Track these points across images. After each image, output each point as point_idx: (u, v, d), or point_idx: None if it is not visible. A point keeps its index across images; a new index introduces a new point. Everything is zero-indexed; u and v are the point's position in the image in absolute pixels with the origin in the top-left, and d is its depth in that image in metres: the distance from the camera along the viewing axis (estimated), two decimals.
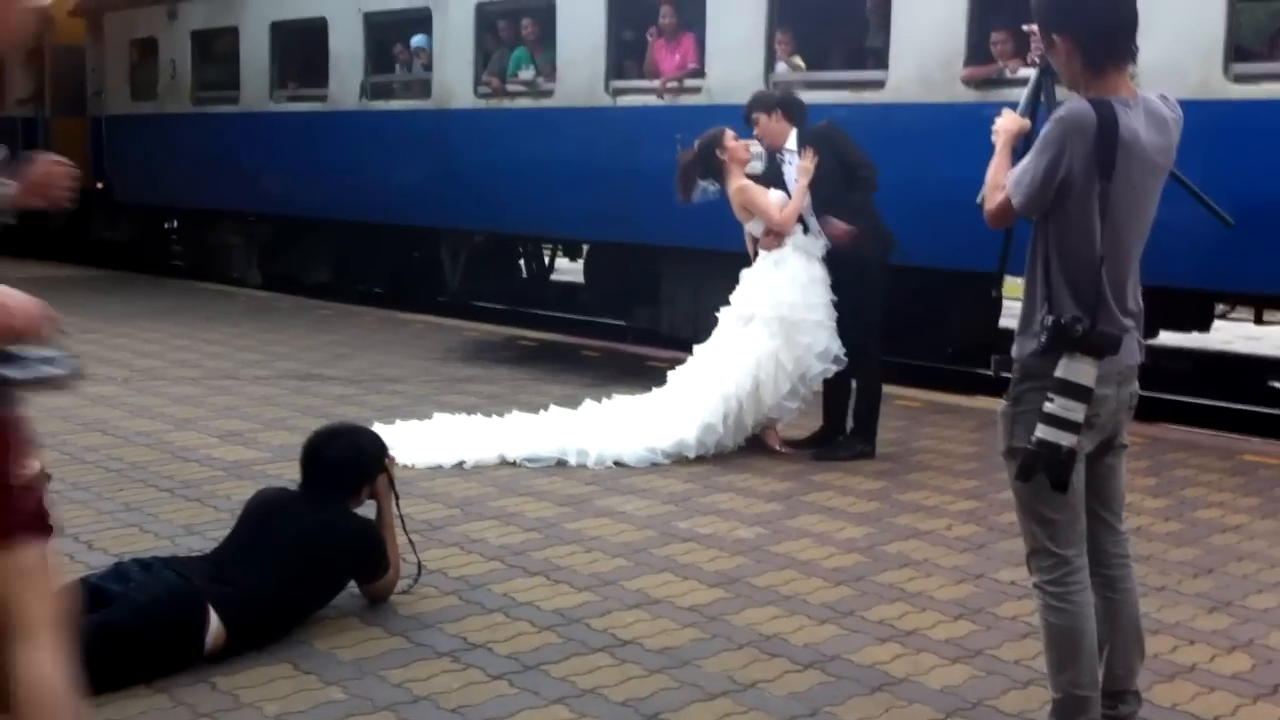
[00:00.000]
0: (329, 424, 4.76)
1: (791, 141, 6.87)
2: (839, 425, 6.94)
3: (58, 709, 2.48)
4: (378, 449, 4.52)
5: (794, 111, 6.93)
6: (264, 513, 4.30)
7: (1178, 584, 4.83)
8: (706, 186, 7.06)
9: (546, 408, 7.42)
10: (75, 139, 17.61)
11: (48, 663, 2.49)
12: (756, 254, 6.94)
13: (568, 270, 15.29)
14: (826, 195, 6.77)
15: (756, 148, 6.96)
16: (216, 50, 15.40)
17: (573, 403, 7.54)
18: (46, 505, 3.67)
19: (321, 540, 4.21)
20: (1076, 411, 3.03)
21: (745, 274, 6.97)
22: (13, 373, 2.61)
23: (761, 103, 6.98)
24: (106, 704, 3.59)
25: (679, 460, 6.58)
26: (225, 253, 15.68)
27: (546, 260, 14.82)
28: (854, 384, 6.91)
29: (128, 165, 16.70)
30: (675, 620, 4.38)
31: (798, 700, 3.76)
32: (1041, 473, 3.08)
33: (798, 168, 6.77)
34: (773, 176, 6.96)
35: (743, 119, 7.01)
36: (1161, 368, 10.27)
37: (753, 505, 5.84)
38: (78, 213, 17.95)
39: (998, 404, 3.34)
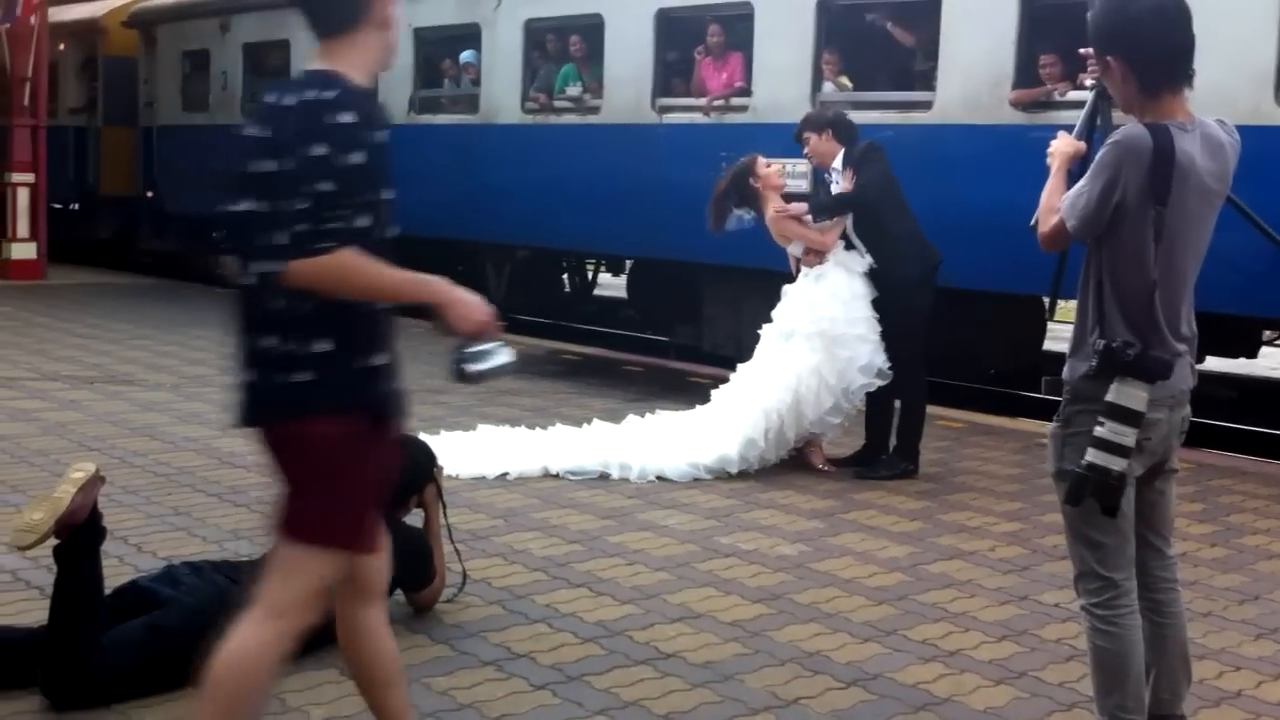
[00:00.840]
0: None
1: (839, 161, 6.91)
2: (882, 444, 6.93)
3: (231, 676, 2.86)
4: (427, 459, 4.56)
5: (843, 132, 6.98)
6: None
7: (1224, 610, 4.80)
8: (741, 215, 7.11)
9: (589, 421, 7.47)
10: (125, 149, 17.87)
11: (247, 637, 2.91)
12: (797, 273, 6.98)
13: (610, 286, 15.34)
14: (871, 213, 6.79)
15: (800, 166, 6.99)
16: (268, 63, 15.57)
17: (615, 417, 7.58)
18: (98, 508, 3.75)
19: None
20: (1127, 436, 3.03)
21: (787, 289, 7.00)
22: (478, 366, 3.02)
23: (812, 123, 7.04)
24: (154, 706, 3.65)
25: (721, 476, 6.60)
26: None
27: (589, 276, 14.88)
28: (897, 403, 6.90)
29: (177, 175, 16.89)
30: (718, 635, 4.39)
31: (840, 718, 3.77)
32: (1091, 497, 3.08)
33: (840, 189, 6.85)
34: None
35: (793, 138, 7.07)
36: (1208, 394, 10.19)
37: (795, 522, 5.84)
38: (127, 222, 18.29)
39: (1041, 426, 3.36)
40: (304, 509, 2.95)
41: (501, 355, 3.01)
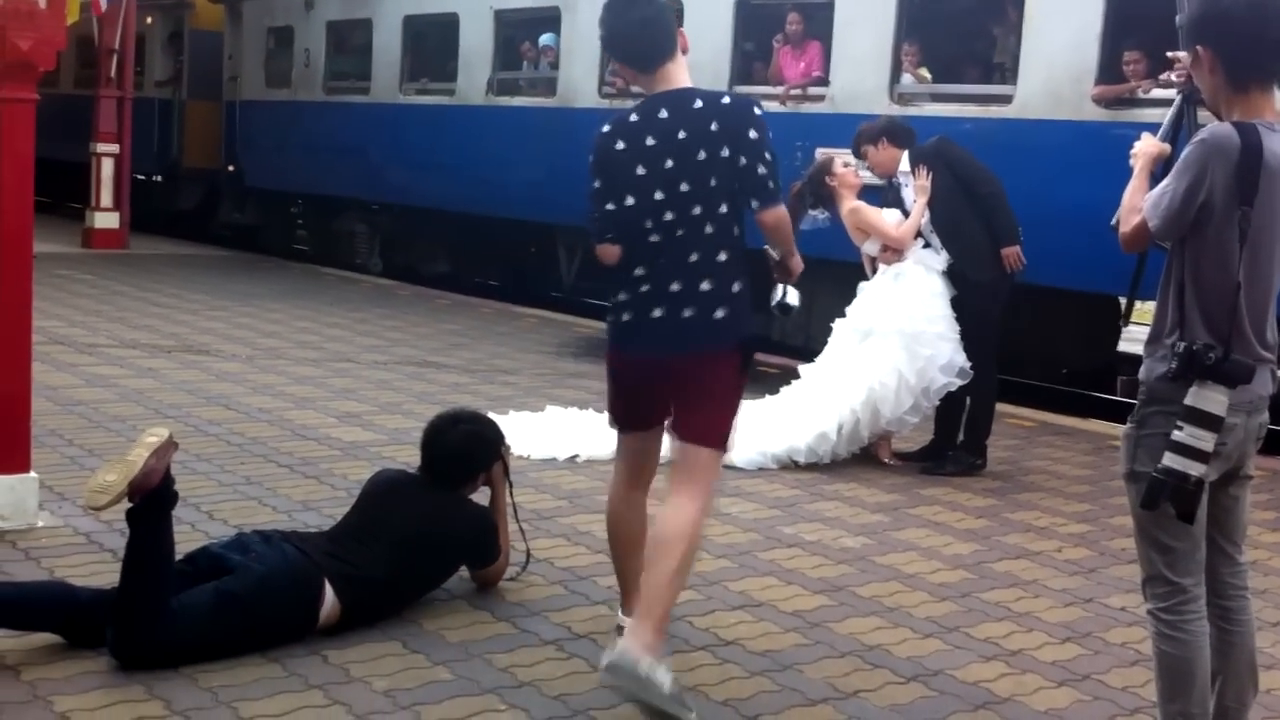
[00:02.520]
0: (450, 409, 4.84)
1: (904, 165, 6.86)
2: (950, 440, 6.88)
3: (687, 539, 3.68)
4: (497, 437, 4.60)
5: (899, 137, 6.93)
6: (383, 494, 4.40)
7: None
8: (816, 215, 7.08)
9: None
10: (209, 123, 18.13)
11: (683, 510, 3.70)
12: (873, 272, 6.93)
13: None
14: (947, 212, 6.73)
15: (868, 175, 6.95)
16: (350, 41, 15.73)
17: None
18: (171, 473, 3.82)
19: (437, 525, 4.30)
20: (1206, 441, 2.98)
21: (864, 287, 6.95)
22: (792, 301, 4.02)
23: (866, 136, 6.99)
24: (221, 670, 3.72)
25: (786, 466, 6.58)
26: (349, 240, 16.02)
27: None
28: (967, 400, 6.84)
29: (258, 150, 17.12)
30: (778, 624, 4.39)
31: (899, 713, 3.76)
32: (1167, 502, 3.03)
33: (915, 188, 6.77)
34: (893, 203, 6.97)
35: (854, 155, 7.01)
36: None
37: (859, 515, 5.82)
38: (209, 195, 18.58)
39: (1113, 428, 3.32)
40: (714, 423, 3.78)
41: (795, 297, 4.04)
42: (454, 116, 13.76)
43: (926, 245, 6.83)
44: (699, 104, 3.83)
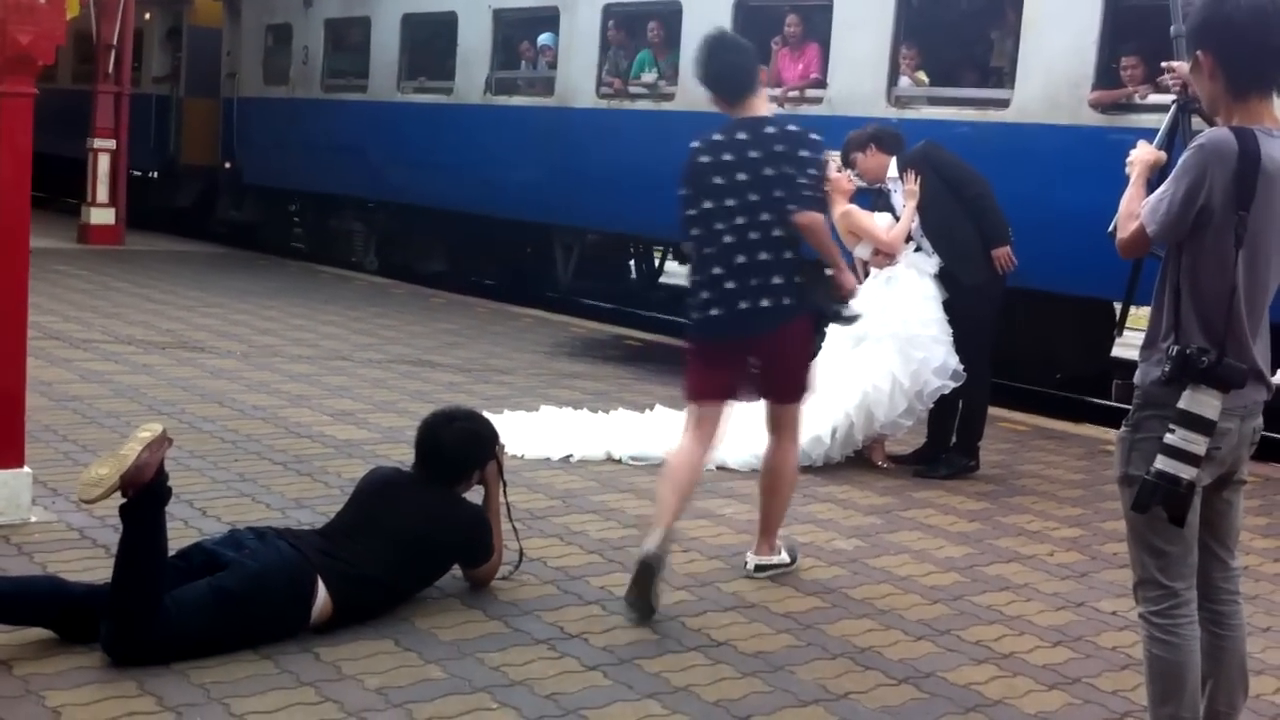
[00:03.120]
0: (445, 407, 4.84)
1: (893, 170, 6.86)
2: (943, 443, 6.89)
3: (786, 475, 4.92)
4: (491, 436, 4.60)
5: (887, 143, 6.93)
6: (377, 491, 4.40)
7: None
8: None
9: (651, 407, 7.49)
10: (206, 119, 18.12)
11: (788, 451, 4.90)
12: (865, 276, 6.92)
13: (676, 274, 15.35)
14: (937, 215, 6.73)
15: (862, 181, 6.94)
16: (348, 39, 15.74)
17: (677, 404, 7.55)
18: (165, 469, 3.82)
19: (431, 523, 4.30)
20: (1198, 445, 2.98)
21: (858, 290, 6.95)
22: (849, 314, 5.05)
23: (855, 143, 6.98)
24: (213, 666, 3.72)
25: None
26: (345, 238, 16.02)
27: (656, 263, 14.89)
28: (960, 403, 6.85)
29: (256, 147, 17.11)
30: (770, 625, 4.40)
31: (890, 715, 3.76)
32: (1159, 505, 3.04)
33: (904, 192, 6.78)
34: (884, 208, 6.97)
35: (844, 164, 6.97)
36: (1278, 408, 10.02)
37: (852, 517, 5.83)
38: (206, 191, 18.57)
39: (1107, 432, 3.33)
40: (796, 383, 4.84)
41: (855, 310, 5.06)
42: (452, 115, 13.76)
43: (918, 249, 6.83)
44: (770, 129, 4.64)
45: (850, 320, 5.15)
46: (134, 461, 3.70)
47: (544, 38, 12.89)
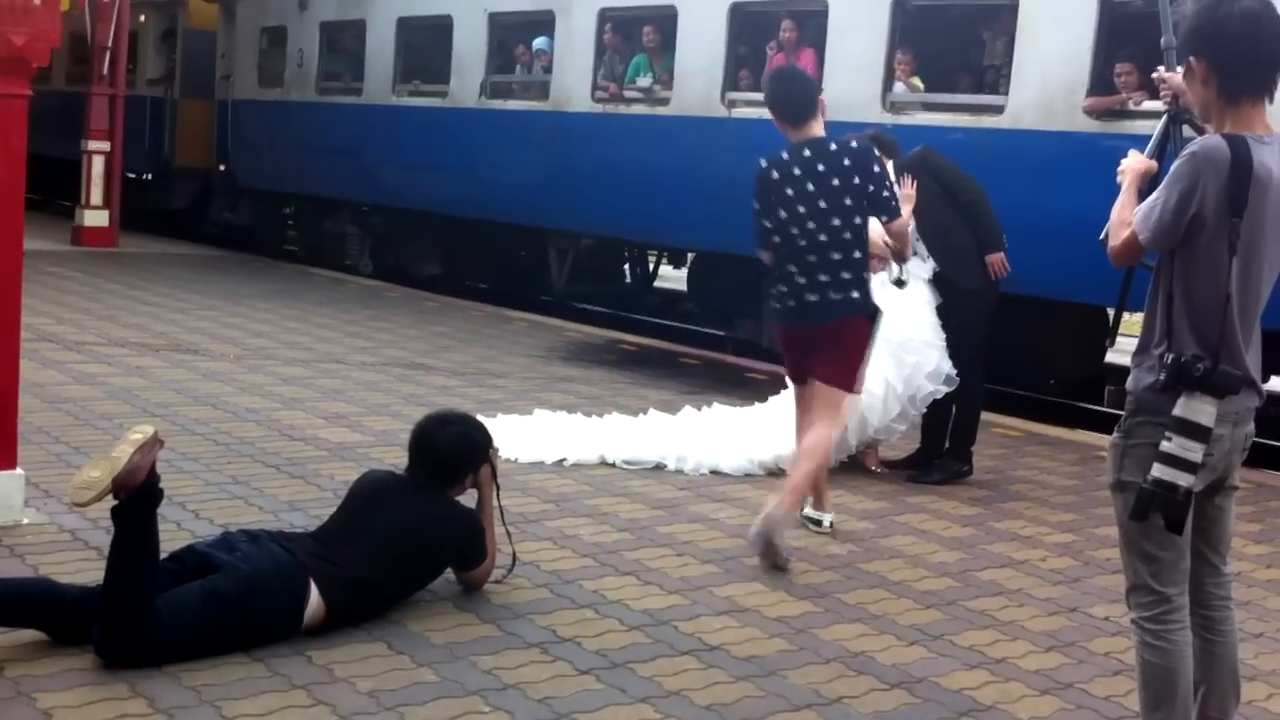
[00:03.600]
0: (439, 411, 4.84)
1: (890, 174, 6.84)
2: (937, 448, 6.89)
3: (818, 449, 5.34)
4: (485, 439, 4.60)
5: (885, 147, 6.91)
6: (370, 494, 4.40)
7: (1276, 632, 4.74)
8: None
9: (645, 411, 7.49)
10: (201, 122, 18.11)
11: (822, 430, 5.34)
12: None
13: (670, 278, 15.36)
14: (933, 220, 6.73)
15: None
16: (343, 42, 15.73)
17: (670, 408, 7.60)
18: (156, 471, 3.81)
19: (424, 526, 4.30)
20: (1195, 452, 2.99)
21: None
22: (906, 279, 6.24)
23: None
24: (205, 669, 3.71)
25: (774, 473, 6.59)
26: (339, 241, 16.01)
27: (650, 267, 14.90)
28: (953, 408, 6.86)
29: (250, 150, 17.10)
30: (763, 630, 4.40)
31: (883, 719, 3.76)
32: (1157, 513, 3.04)
33: (900, 197, 6.76)
34: None
35: None
36: (1274, 415, 10.04)
37: (845, 522, 5.83)
38: (200, 194, 18.56)
39: (1099, 438, 3.33)
40: (846, 370, 5.40)
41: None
42: (447, 119, 13.76)
43: (914, 254, 6.83)
44: (833, 146, 5.37)
45: (902, 284, 6.34)
46: (125, 464, 3.69)
47: (539, 42, 12.89)
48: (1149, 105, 7.92)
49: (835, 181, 5.29)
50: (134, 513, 3.75)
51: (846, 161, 5.31)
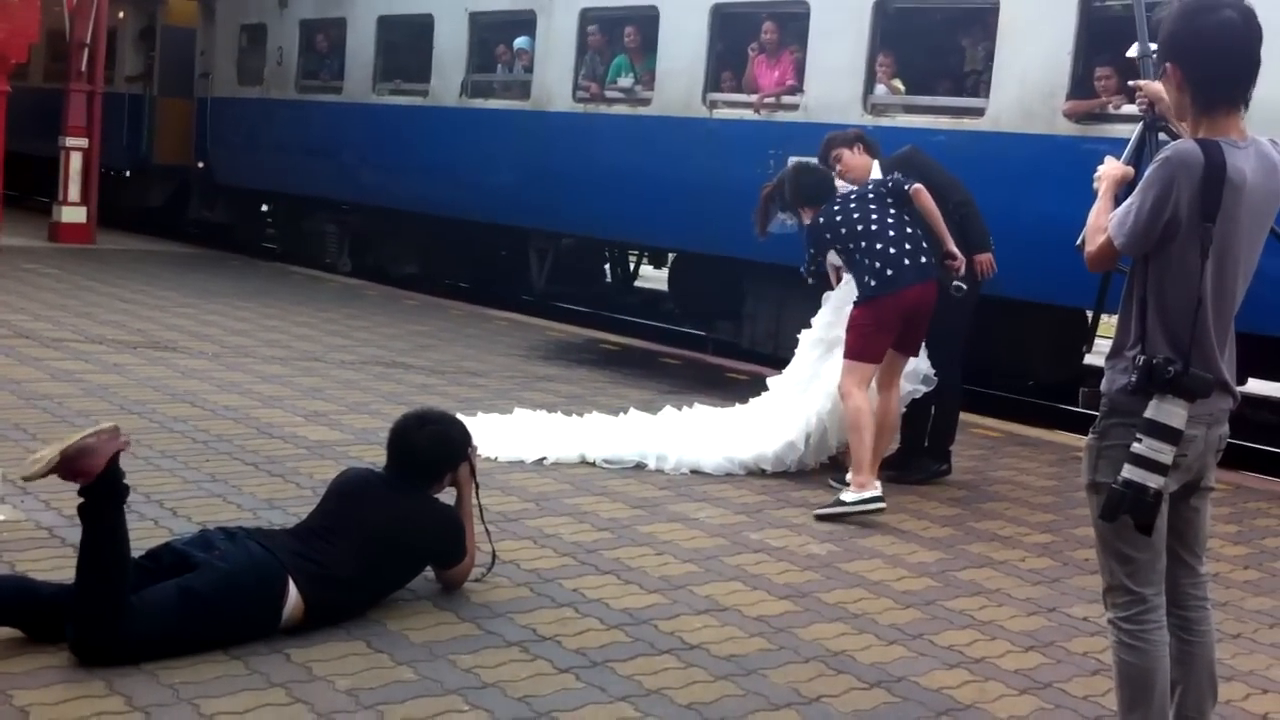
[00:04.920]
0: (418, 409, 4.82)
1: (875, 172, 6.85)
2: (916, 448, 6.91)
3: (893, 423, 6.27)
4: (464, 438, 4.59)
5: (870, 145, 6.93)
6: (349, 493, 4.38)
7: (1254, 632, 4.77)
8: (785, 220, 7.08)
9: (625, 411, 7.49)
10: (180, 119, 18.03)
11: (892, 401, 6.28)
12: (838, 281, 6.92)
13: (650, 278, 15.37)
14: (919, 220, 6.74)
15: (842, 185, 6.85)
16: (323, 40, 15.68)
17: (651, 408, 7.60)
18: (116, 461, 3.76)
19: (404, 524, 4.28)
20: (1165, 454, 3.00)
21: (829, 297, 6.96)
22: (963, 286, 6.32)
23: (841, 139, 6.84)
24: (183, 667, 3.69)
25: (754, 473, 6.60)
26: (318, 239, 15.96)
27: (631, 267, 14.90)
28: (933, 408, 6.87)
29: (229, 148, 17.03)
30: (743, 629, 4.40)
31: (862, 718, 3.77)
32: (1127, 513, 3.06)
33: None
34: None
35: (821, 162, 6.91)
36: (1249, 417, 10.11)
37: (825, 522, 5.83)
38: (178, 191, 18.47)
39: (1078, 439, 3.35)
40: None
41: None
42: (427, 118, 13.74)
43: None
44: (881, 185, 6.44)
45: (959, 291, 6.28)
46: (76, 440, 3.67)
47: (520, 41, 12.88)
48: (1128, 109, 7.96)
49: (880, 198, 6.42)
50: (100, 510, 3.73)
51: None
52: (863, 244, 6.16)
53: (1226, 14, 3.06)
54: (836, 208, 6.33)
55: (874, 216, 6.18)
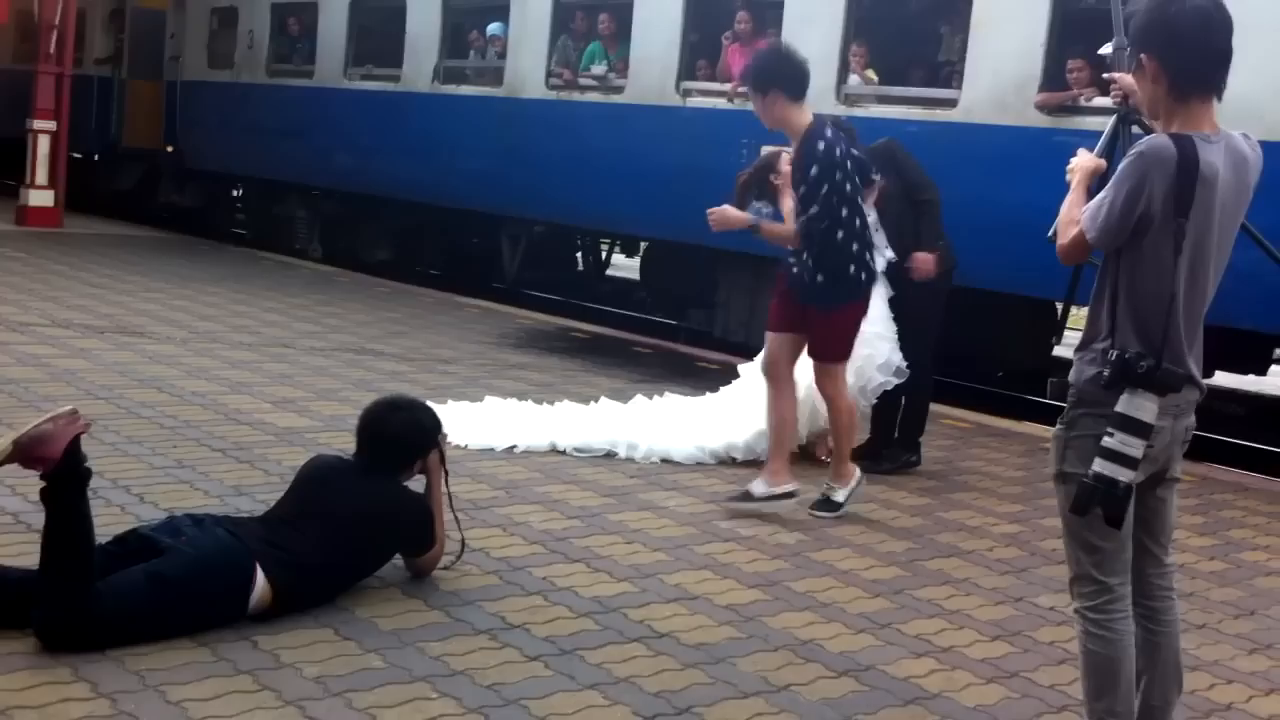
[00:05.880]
0: (388, 396, 4.81)
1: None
2: (886, 438, 6.93)
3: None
4: (434, 425, 4.56)
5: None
6: (318, 479, 4.36)
7: (1219, 623, 4.81)
8: (760, 208, 7.07)
9: (596, 399, 7.48)
10: (149, 102, 17.89)
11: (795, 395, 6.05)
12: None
13: (622, 267, 15.35)
14: (894, 211, 6.75)
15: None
16: (295, 24, 15.57)
17: (622, 396, 7.59)
18: (77, 445, 3.73)
19: (372, 511, 4.26)
20: (1136, 448, 3.01)
21: None
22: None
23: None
24: (149, 653, 3.67)
25: (724, 462, 6.61)
26: (289, 224, 15.88)
27: (603, 255, 14.89)
28: (903, 399, 6.89)
29: (199, 132, 16.92)
30: (712, 617, 4.40)
31: (830, 707, 3.78)
32: (1097, 507, 3.07)
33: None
34: None
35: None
36: (1216, 409, 10.19)
37: (795, 510, 5.84)
38: (148, 175, 18.33)
39: (1047, 430, 3.35)
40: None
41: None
42: (399, 103, 13.67)
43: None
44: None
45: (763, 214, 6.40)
46: (30, 428, 3.64)
47: (493, 27, 12.83)
48: (1100, 101, 7.99)
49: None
50: (62, 494, 3.70)
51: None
52: (855, 222, 5.72)
53: (1198, 3, 3.07)
54: (840, 151, 5.65)
55: (860, 199, 5.83)
